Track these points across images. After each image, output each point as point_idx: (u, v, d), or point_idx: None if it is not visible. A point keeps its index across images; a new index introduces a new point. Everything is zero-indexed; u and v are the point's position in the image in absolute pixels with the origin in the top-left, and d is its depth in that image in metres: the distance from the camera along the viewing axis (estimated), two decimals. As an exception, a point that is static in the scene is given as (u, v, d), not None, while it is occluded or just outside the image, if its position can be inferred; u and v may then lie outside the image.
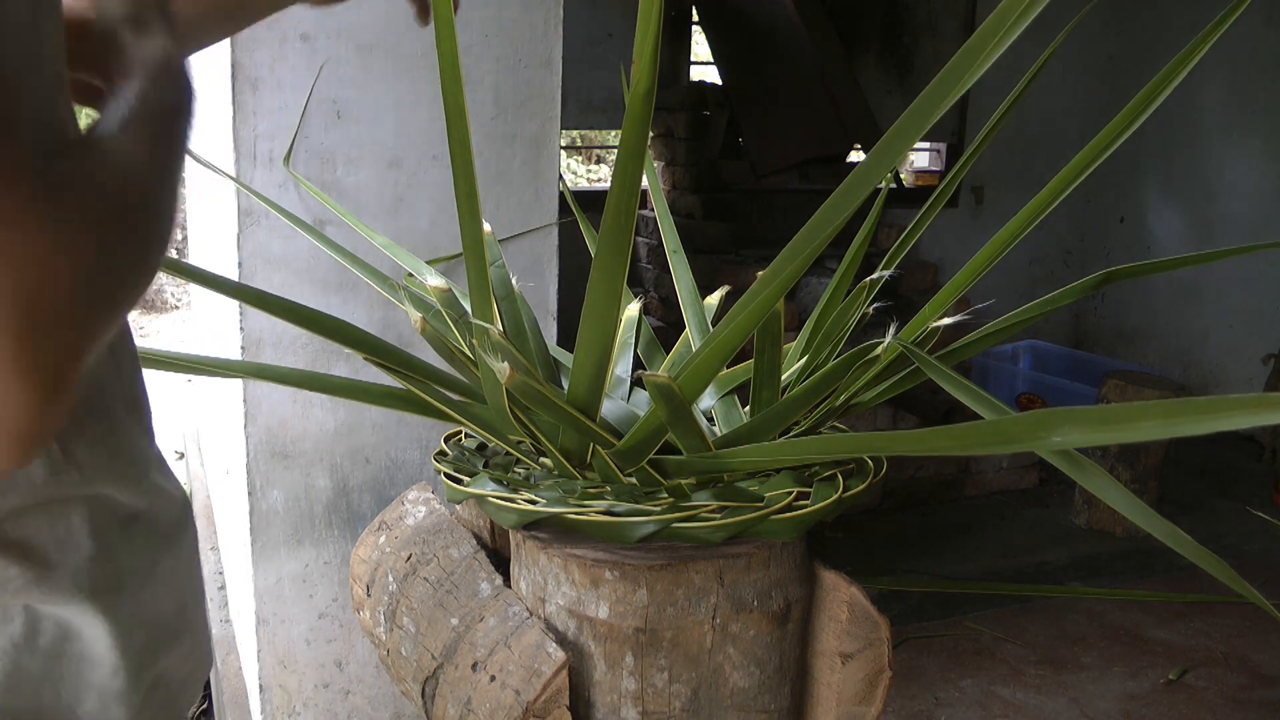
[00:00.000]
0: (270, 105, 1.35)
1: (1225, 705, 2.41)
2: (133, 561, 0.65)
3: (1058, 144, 4.72)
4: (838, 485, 0.95)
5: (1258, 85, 4.21)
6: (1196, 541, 0.72)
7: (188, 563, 0.72)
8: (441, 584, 1.04)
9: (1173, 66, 0.85)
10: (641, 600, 0.89)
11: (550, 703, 0.86)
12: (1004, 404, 0.81)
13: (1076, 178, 0.89)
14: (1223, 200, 4.42)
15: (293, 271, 1.41)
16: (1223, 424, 0.54)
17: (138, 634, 0.65)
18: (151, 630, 0.66)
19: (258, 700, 1.58)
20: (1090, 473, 0.75)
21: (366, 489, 1.52)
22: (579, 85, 4.08)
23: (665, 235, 1.28)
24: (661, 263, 4.10)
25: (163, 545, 0.68)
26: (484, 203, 1.44)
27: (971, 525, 3.39)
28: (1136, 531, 3.27)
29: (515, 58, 1.45)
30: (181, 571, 0.71)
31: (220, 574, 2.35)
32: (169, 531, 0.69)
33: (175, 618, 0.70)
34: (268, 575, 1.50)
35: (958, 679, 2.47)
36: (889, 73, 4.64)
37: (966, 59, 0.65)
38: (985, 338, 1.00)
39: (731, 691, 0.92)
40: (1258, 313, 4.31)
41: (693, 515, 0.91)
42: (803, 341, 1.12)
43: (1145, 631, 2.73)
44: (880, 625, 0.97)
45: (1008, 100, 0.98)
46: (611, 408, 1.08)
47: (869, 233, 1.08)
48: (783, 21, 4.03)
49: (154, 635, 0.67)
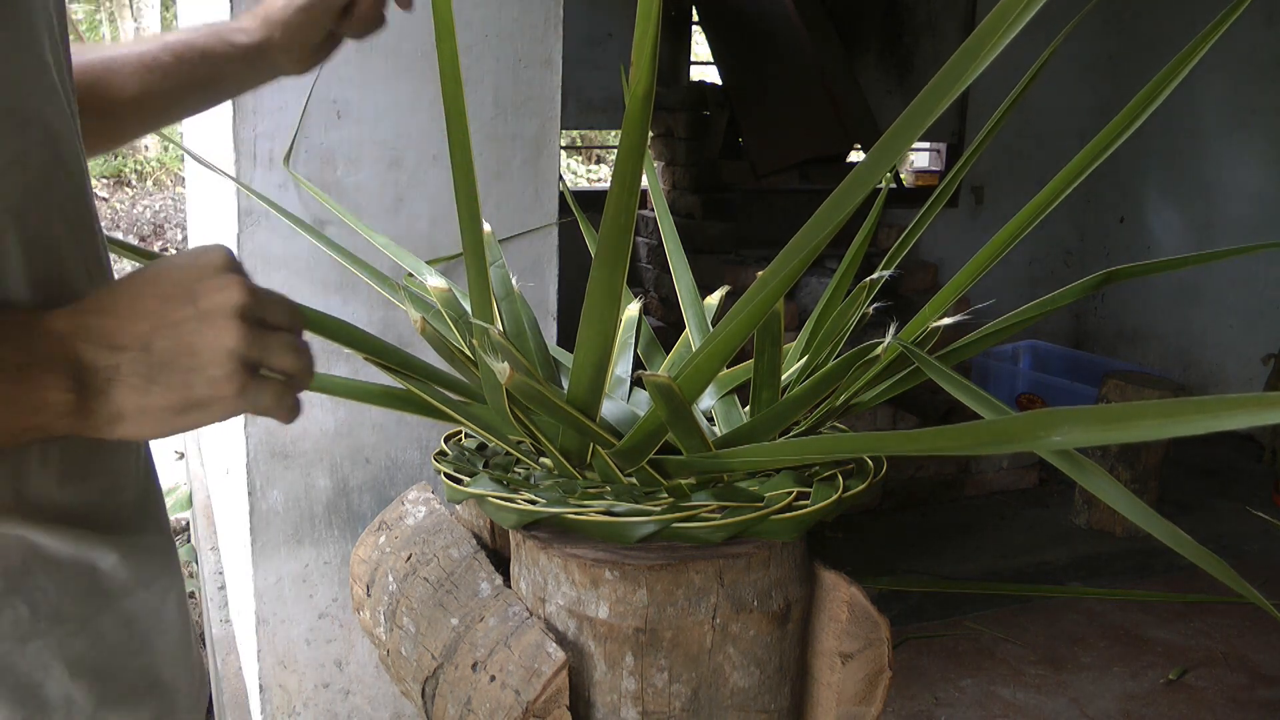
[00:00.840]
0: (270, 105, 1.35)
1: (1225, 705, 2.41)
2: (61, 609, 0.61)
3: (1058, 144, 4.72)
4: (838, 485, 0.95)
5: (1258, 85, 4.21)
6: (1196, 541, 0.72)
7: (157, 618, 0.67)
8: (441, 584, 1.04)
9: (1173, 66, 0.85)
10: (641, 600, 0.89)
11: (550, 703, 0.86)
12: (1004, 404, 0.81)
13: (1076, 178, 0.89)
14: (1223, 200, 4.42)
15: (293, 271, 1.41)
16: (1222, 424, 0.54)
17: (62, 686, 0.61)
18: (92, 685, 0.62)
19: (258, 700, 1.58)
20: (1090, 473, 0.75)
21: (366, 489, 1.52)
22: (579, 85, 4.08)
23: (665, 235, 1.28)
24: (661, 263, 4.10)
25: (108, 597, 0.64)
26: (484, 203, 1.44)
27: (971, 525, 3.39)
28: (1136, 531, 3.27)
29: (515, 58, 1.45)
30: (148, 627, 0.66)
31: (220, 574, 2.35)
32: (123, 585, 0.65)
33: (137, 675, 0.65)
34: (268, 575, 1.50)
35: (958, 679, 2.47)
36: (889, 73, 4.64)
37: (965, 59, 0.65)
38: (985, 338, 1.00)
39: (731, 691, 0.92)
40: (1258, 313, 4.31)
41: (693, 515, 0.91)
42: (803, 341, 1.12)
43: (1145, 631, 2.73)
44: (880, 625, 0.97)
45: (1008, 100, 0.98)
46: (611, 408, 1.08)
47: (869, 233, 1.08)
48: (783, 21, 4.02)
49: (98, 690, 0.63)
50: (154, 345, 0.56)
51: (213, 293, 0.57)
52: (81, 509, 0.62)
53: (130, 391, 0.56)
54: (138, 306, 0.57)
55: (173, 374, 0.56)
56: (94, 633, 0.63)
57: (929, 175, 5.03)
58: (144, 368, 0.56)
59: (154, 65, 0.90)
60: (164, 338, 0.56)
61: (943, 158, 5.05)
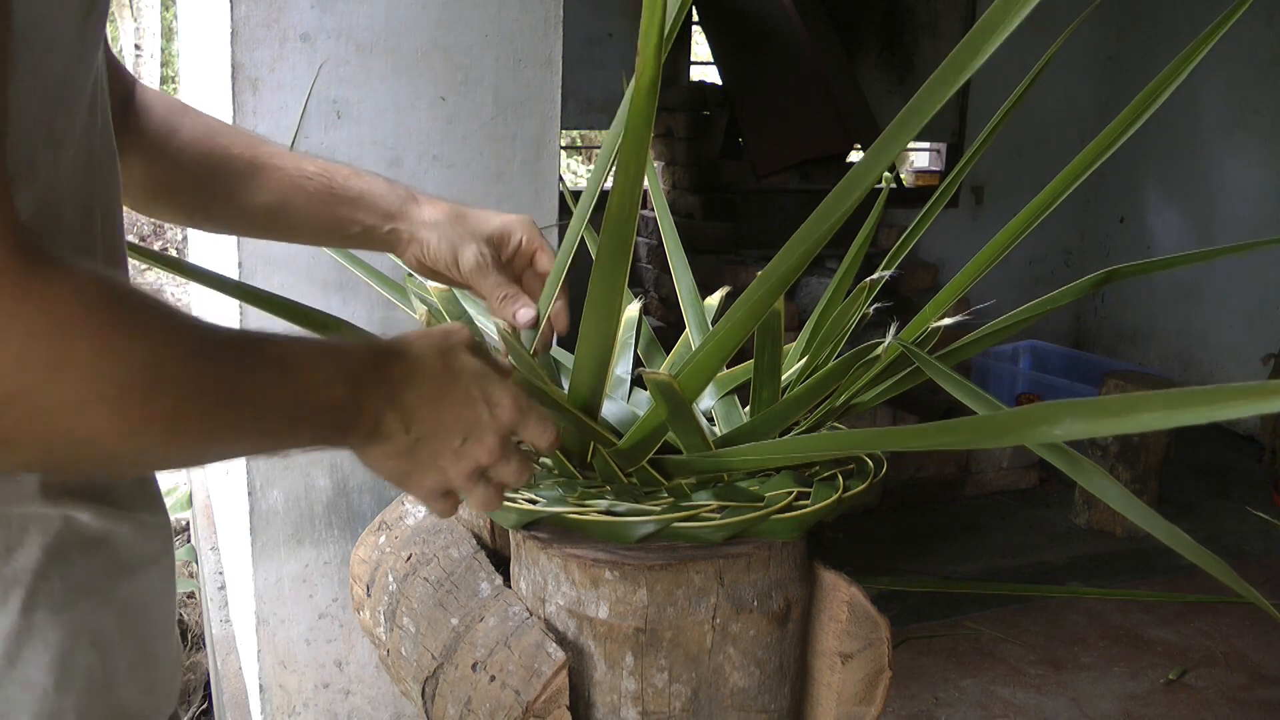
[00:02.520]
0: (270, 105, 1.35)
1: (1225, 705, 2.41)
2: (89, 583, 0.64)
3: (1058, 144, 4.71)
4: (838, 485, 0.95)
5: (1258, 85, 4.21)
6: (1196, 541, 0.72)
7: (156, 595, 0.71)
8: (441, 584, 1.04)
9: (1173, 67, 0.85)
10: (641, 600, 0.89)
11: (550, 703, 0.86)
12: (1004, 404, 0.81)
13: (1077, 178, 0.89)
14: (1223, 200, 4.42)
15: (293, 271, 1.41)
16: (1223, 413, 0.53)
17: (85, 656, 0.63)
18: (105, 656, 0.65)
19: (258, 700, 1.58)
20: (1090, 473, 0.75)
21: (366, 489, 1.52)
22: (579, 85, 4.08)
23: (665, 235, 1.28)
24: (661, 263, 4.10)
25: (124, 572, 0.67)
26: (484, 203, 1.44)
27: (971, 525, 3.39)
28: (1136, 531, 3.27)
29: (515, 58, 1.45)
30: (148, 602, 0.69)
31: (220, 574, 2.35)
32: (135, 561, 0.68)
33: (136, 649, 0.68)
34: (268, 575, 1.50)
35: (958, 679, 2.47)
36: (889, 73, 4.64)
37: (964, 55, 0.65)
38: (985, 337, 1.00)
39: (731, 691, 0.92)
40: (1258, 313, 4.31)
41: (693, 515, 0.91)
42: (803, 341, 1.12)
43: (1145, 631, 2.73)
44: (880, 625, 0.97)
45: (1009, 100, 0.98)
46: (612, 407, 1.08)
47: (869, 233, 1.08)
48: (783, 21, 4.02)
49: (109, 662, 0.65)
50: (421, 447, 0.66)
51: (480, 445, 0.68)
52: (105, 485, 0.65)
53: (385, 456, 0.66)
54: (444, 415, 0.67)
55: (411, 464, 0.67)
56: (112, 606, 0.66)
57: (929, 175, 5.03)
58: (409, 445, 0.66)
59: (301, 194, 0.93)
60: (432, 448, 0.67)
61: (943, 158, 5.05)
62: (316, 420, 0.61)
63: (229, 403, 0.55)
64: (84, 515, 0.63)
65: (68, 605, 0.62)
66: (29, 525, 0.60)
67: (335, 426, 0.62)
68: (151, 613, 0.70)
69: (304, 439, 0.61)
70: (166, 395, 0.51)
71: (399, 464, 0.67)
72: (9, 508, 0.59)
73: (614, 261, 0.82)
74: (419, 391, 0.66)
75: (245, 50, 1.33)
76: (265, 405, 0.58)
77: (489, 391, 0.69)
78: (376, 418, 0.64)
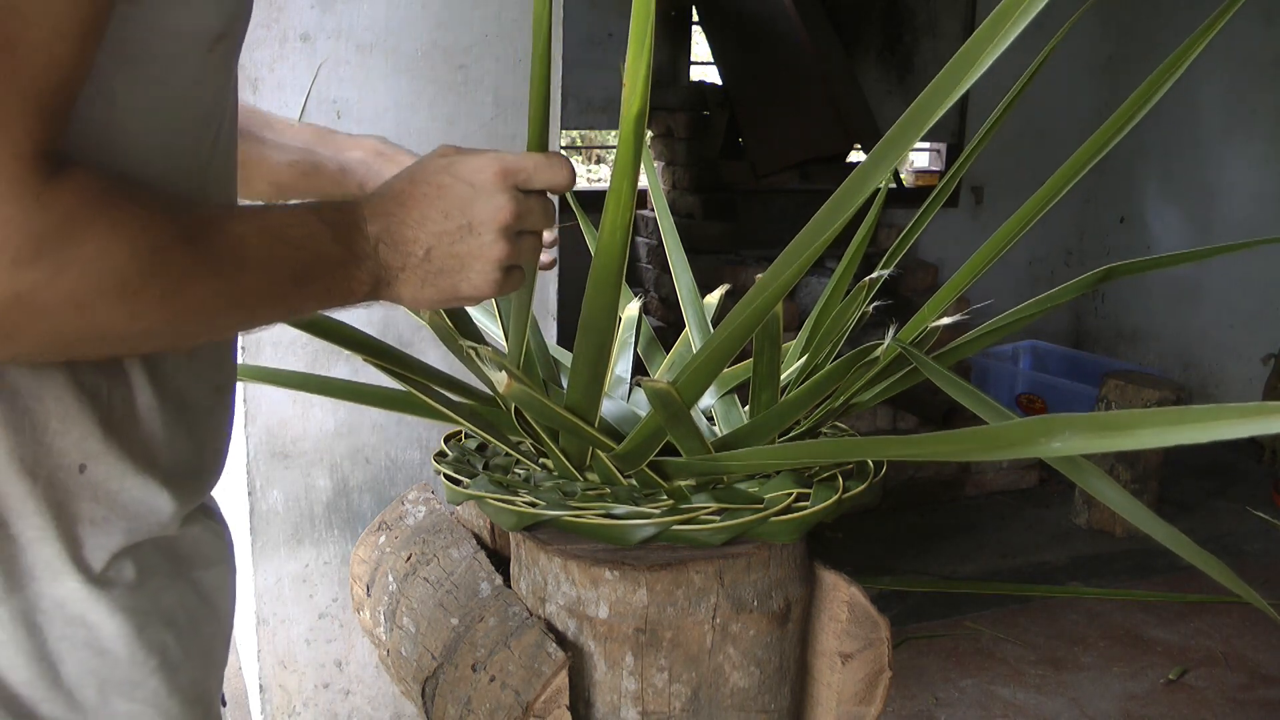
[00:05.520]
0: (270, 105, 1.35)
1: (1225, 705, 2.41)
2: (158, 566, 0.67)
3: (1058, 144, 4.69)
4: (837, 486, 0.95)
5: (1257, 85, 4.21)
6: (1196, 542, 0.72)
7: (218, 593, 0.74)
8: (441, 584, 1.04)
9: (1170, 64, 0.85)
10: (641, 600, 0.89)
11: (550, 703, 0.86)
12: (1003, 404, 0.81)
13: (1075, 176, 0.89)
14: (1223, 200, 4.42)
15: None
16: (1222, 433, 0.55)
17: (159, 633, 0.65)
18: (179, 636, 0.67)
19: (258, 700, 1.58)
20: (1089, 474, 0.75)
21: (366, 489, 1.52)
22: (579, 85, 4.08)
23: (665, 235, 1.28)
24: (661, 263, 4.10)
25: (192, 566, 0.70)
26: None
27: (971, 525, 3.39)
28: (1136, 531, 3.27)
29: (515, 58, 1.45)
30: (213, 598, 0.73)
31: (220, 574, 2.34)
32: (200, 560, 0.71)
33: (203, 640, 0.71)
34: (268, 575, 1.50)
35: (958, 679, 2.47)
36: (889, 73, 4.64)
37: (965, 61, 0.65)
38: (985, 336, 1.00)
39: (731, 691, 0.93)
40: (1257, 313, 4.31)
41: (692, 517, 0.91)
42: (802, 341, 1.12)
43: (1145, 631, 2.73)
44: (880, 625, 0.97)
45: (1007, 100, 0.98)
46: (611, 407, 1.08)
47: (869, 232, 1.08)
48: (783, 21, 4.02)
49: (183, 641, 0.68)
50: (433, 253, 0.68)
51: (487, 213, 0.69)
52: (186, 465, 0.68)
53: (409, 287, 0.69)
54: (426, 216, 0.68)
55: (444, 277, 0.69)
56: (178, 590, 0.68)
57: (929, 175, 5.03)
58: (422, 271, 0.68)
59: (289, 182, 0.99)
60: (442, 248, 0.68)
61: (943, 158, 5.04)
62: (318, 275, 0.64)
63: (236, 272, 0.59)
64: (163, 507, 0.66)
65: (139, 585, 0.64)
66: (117, 503, 0.63)
67: (340, 274, 0.65)
68: (216, 606, 0.73)
69: (317, 294, 0.65)
70: (164, 279, 0.54)
71: (434, 284, 0.69)
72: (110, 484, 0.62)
73: (613, 262, 0.82)
74: (387, 213, 0.68)
75: (245, 50, 1.32)
76: (265, 270, 0.61)
77: (457, 171, 0.70)
78: (372, 256, 0.66)
